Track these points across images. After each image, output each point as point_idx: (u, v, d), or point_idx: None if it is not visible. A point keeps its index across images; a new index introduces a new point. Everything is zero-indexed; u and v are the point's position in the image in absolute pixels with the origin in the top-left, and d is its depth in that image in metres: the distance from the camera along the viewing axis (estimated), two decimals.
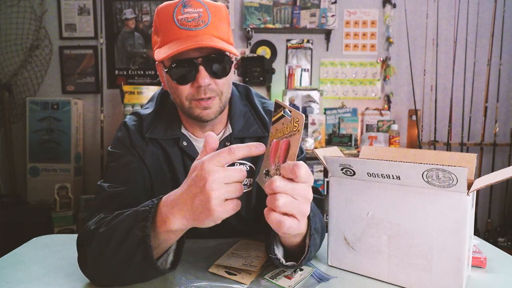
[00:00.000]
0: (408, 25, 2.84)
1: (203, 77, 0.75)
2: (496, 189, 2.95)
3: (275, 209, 0.53)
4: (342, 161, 0.69)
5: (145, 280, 0.66)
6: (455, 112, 2.81)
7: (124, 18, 2.98)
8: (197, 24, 0.74)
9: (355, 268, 0.72)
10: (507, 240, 2.68)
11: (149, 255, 0.58)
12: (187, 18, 0.74)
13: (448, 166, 0.57)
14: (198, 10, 0.75)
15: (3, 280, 0.70)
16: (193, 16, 0.74)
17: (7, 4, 2.89)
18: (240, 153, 0.54)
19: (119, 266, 0.62)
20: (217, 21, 0.77)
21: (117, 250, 0.61)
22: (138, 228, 0.58)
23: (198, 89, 0.77)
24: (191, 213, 0.55)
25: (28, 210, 2.70)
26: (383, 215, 0.68)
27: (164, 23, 0.76)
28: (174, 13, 0.74)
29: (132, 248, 0.59)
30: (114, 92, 2.99)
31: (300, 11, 2.86)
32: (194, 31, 0.74)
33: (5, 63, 2.94)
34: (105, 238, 0.63)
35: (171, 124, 0.87)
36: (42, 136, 2.86)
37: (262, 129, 0.90)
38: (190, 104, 0.80)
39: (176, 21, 0.74)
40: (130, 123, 0.88)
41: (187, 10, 0.74)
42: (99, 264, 0.64)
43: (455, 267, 0.61)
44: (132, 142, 0.85)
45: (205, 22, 0.75)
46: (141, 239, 0.58)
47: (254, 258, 0.75)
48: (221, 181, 0.53)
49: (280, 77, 3.00)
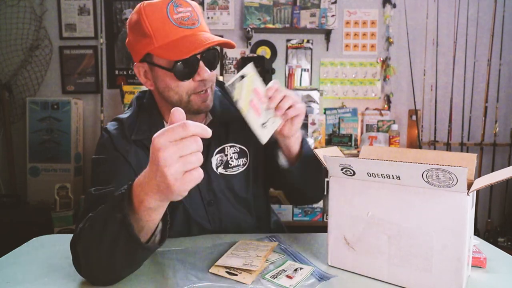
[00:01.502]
0: (408, 25, 2.84)
1: (205, 71, 0.81)
2: (496, 189, 2.95)
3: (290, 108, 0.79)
4: (342, 161, 0.69)
5: (136, 264, 0.66)
6: (455, 112, 2.81)
7: (124, 18, 2.98)
8: (192, 22, 0.79)
9: (355, 268, 0.73)
10: (507, 240, 2.68)
11: (131, 233, 0.58)
12: (183, 17, 0.78)
13: (448, 166, 0.57)
14: (188, 9, 0.80)
15: (3, 280, 0.70)
16: (187, 15, 0.78)
17: (7, 4, 2.89)
18: (193, 129, 0.53)
19: (107, 254, 0.62)
20: (202, 18, 0.83)
21: (102, 238, 0.62)
22: (116, 210, 0.59)
23: (200, 83, 0.82)
24: (158, 190, 0.55)
25: (28, 210, 2.70)
26: (383, 215, 0.68)
27: (158, 24, 0.77)
28: (168, 13, 0.77)
29: (115, 232, 0.59)
30: (114, 92, 2.99)
31: (300, 11, 2.86)
32: (193, 29, 0.79)
33: (5, 63, 2.94)
34: (89, 231, 0.65)
35: (153, 121, 0.90)
36: (42, 136, 2.86)
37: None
38: (189, 98, 0.83)
39: (173, 20, 0.77)
40: (111, 128, 0.90)
41: (179, 10, 0.78)
42: (90, 258, 0.65)
43: (455, 267, 0.61)
44: (115, 145, 0.86)
45: (197, 20, 0.81)
46: (121, 221, 0.58)
47: (254, 258, 0.75)
48: (175, 156, 0.52)
49: (280, 77, 3.00)
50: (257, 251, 0.79)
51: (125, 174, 0.84)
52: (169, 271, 0.72)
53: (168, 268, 0.74)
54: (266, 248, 0.80)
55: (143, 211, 0.59)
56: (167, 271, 0.73)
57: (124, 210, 0.58)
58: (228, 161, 0.94)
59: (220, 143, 0.94)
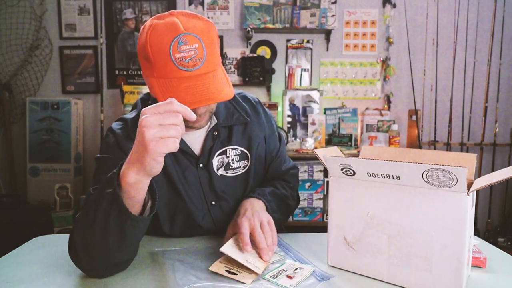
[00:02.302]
0: (408, 25, 2.84)
1: (201, 109, 0.82)
2: (496, 189, 2.95)
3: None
4: (342, 161, 0.69)
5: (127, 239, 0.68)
6: (455, 112, 2.81)
7: (124, 18, 2.98)
8: (194, 63, 0.75)
9: (355, 268, 0.73)
10: (507, 240, 2.68)
11: (120, 203, 0.63)
12: (184, 58, 0.74)
13: (448, 166, 0.57)
14: (194, 46, 0.75)
15: (3, 280, 0.70)
16: (190, 54, 0.74)
17: (7, 4, 2.89)
18: (177, 107, 0.61)
19: (101, 231, 0.66)
20: (211, 52, 0.78)
21: (96, 215, 0.66)
22: (107, 187, 0.65)
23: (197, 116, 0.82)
24: (136, 160, 0.62)
25: (28, 210, 2.70)
26: (383, 215, 0.68)
27: (160, 57, 0.75)
28: (171, 50, 0.73)
29: (107, 206, 0.64)
30: (114, 92, 2.99)
31: (300, 11, 2.86)
32: (193, 71, 0.75)
33: (5, 63, 2.94)
34: (83, 214, 0.70)
35: None
36: (42, 136, 2.86)
37: (244, 116, 0.97)
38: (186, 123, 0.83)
39: (174, 60, 0.74)
40: (116, 128, 0.91)
41: (183, 48, 0.74)
42: (86, 240, 0.68)
43: (455, 267, 0.61)
44: (120, 145, 0.87)
45: (201, 59, 0.76)
46: (112, 195, 0.63)
47: (257, 258, 0.74)
48: (155, 122, 0.60)
49: (280, 77, 3.00)
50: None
51: None
52: (169, 271, 0.73)
53: (168, 268, 0.74)
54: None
55: (125, 186, 0.64)
56: (167, 271, 0.73)
57: (113, 185, 0.63)
58: (229, 163, 0.95)
59: (223, 145, 0.95)
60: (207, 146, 0.92)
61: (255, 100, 1.04)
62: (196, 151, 0.92)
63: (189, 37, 0.74)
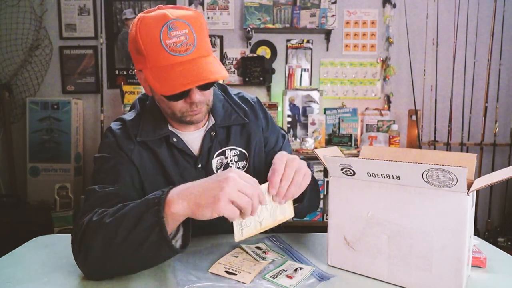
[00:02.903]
0: (408, 25, 2.84)
1: (196, 96, 0.80)
2: (496, 189, 2.95)
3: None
4: (342, 161, 0.69)
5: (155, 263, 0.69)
6: (455, 112, 2.81)
7: (124, 18, 2.98)
8: (186, 48, 0.76)
9: (355, 268, 0.73)
10: (507, 240, 2.68)
11: (164, 234, 0.62)
12: (175, 43, 0.74)
13: (448, 166, 0.57)
14: (184, 31, 0.75)
15: (3, 280, 0.70)
16: (181, 39, 0.75)
17: (7, 4, 2.89)
18: (259, 190, 0.67)
19: (129, 251, 0.65)
20: (201, 37, 0.78)
21: (128, 236, 0.64)
22: (151, 212, 0.63)
23: (191, 104, 0.82)
24: (195, 201, 0.63)
25: (28, 210, 2.70)
26: (383, 215, 0.68)
27: (151, 46, 0.75)
28: (161, 37, 0.74)
29: (146, 231, 0.63)
30: (114, 92, 2.99)
31: (300, 11, 2.86)
32: (185, 56, 0.75)
33: (5, 63, 2.94)
34: (113, 227, 0.66)
35: (157, 124, 0.91)
36: (42, 136, 2.86)
37: (242, 117, 0.97)
38: (182, 115, 0.84)
39: (165, 46, 0.74)
40: (115, 128, 0.91)
41: (173, 34, 0.74)
42: (107, 254, 0.66)
43: (455, 267, 0.61)
44: (119, 145, 0.87)
45: (192, 44, 0.76)
46: (155, 222, 0.62)
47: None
48: (236, 186, 0.63)
49: (280, 77, 3.00)
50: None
51: (129, 173, 0.85)
52: (169, 271, 0.73)
53: (168, 268, 0.74)
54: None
55: (166, 213, 0.64)
56: (167, 271, 0.73)
57: (159, 214, 0.63)
58: (228, 164, 0.95)
59: (221, 146, 0.95)
60: (205, 146, 0.92)
61: (253, 100, 1.04)
62: (194, 152, 0.92)
63: (178, 23, 0.75)
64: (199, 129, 0.94)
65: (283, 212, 0.77)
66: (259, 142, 1.00)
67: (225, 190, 0.61)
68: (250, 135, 0.98)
